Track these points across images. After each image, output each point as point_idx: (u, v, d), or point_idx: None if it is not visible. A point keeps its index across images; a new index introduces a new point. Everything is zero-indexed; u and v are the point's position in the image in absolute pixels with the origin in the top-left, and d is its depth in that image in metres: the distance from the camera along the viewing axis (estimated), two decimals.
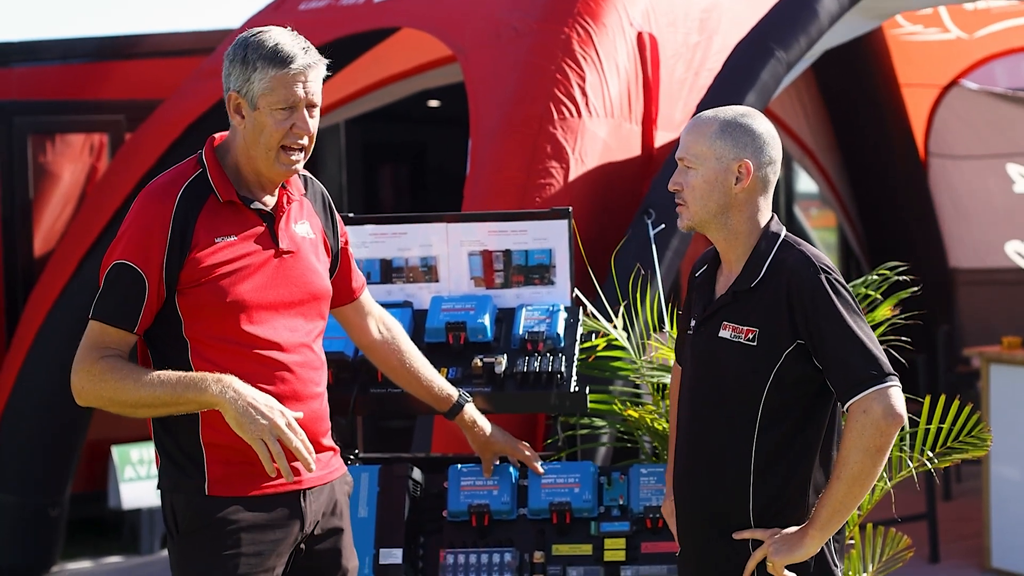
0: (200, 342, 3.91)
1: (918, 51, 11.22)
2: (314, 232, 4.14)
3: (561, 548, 4.75)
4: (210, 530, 3.91)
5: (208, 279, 3.89)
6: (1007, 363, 8.27)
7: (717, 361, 3.95)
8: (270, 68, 3.91)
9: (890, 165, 11.49)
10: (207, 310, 3.90)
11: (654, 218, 6.16)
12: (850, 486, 3.80)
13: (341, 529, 4.12)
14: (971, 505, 9.25)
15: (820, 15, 6.95)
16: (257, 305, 3.93)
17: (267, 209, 4.01)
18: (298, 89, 3.94)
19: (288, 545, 3.98)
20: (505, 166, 6.69)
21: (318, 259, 4.13)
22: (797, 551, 3.86)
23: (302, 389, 3.99)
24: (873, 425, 3.77)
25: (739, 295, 3.94)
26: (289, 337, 3.98)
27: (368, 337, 4.47)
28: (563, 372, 4.88)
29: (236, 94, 3.94)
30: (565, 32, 6.93)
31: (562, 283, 5.11)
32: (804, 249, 3.94)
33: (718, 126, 3.94)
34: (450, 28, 7.59)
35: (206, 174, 3.97)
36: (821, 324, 3.83)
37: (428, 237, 5.20)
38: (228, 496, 3.92)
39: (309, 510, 4.01)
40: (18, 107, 9.86)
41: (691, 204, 3.95)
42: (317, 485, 4.03)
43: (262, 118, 3.93)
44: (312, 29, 8.38)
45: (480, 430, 4.71)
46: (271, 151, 3.95)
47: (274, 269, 3.98)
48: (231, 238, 3.93)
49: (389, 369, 4.53)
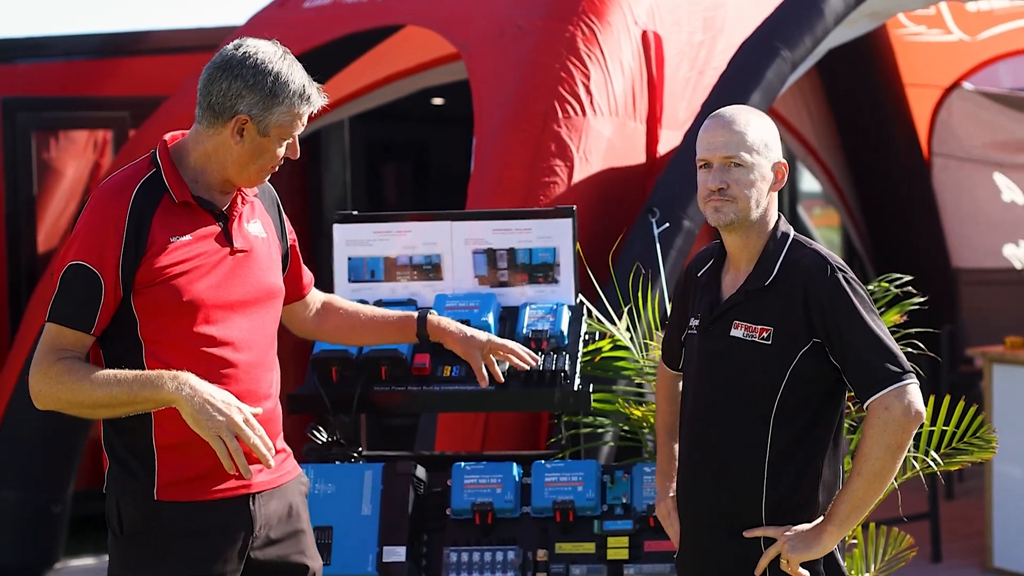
0: (155, 342, 3.90)
1: (921, 52, 11.23)
2: (266, 231, 4.14)
3: (564, 546, 4.75)
4: (156, 533, 3.91)
5: (164, 279, 3.88)
6: (1010, 363, 8.27)
7: (729, 360, 3.94)
8: (296, 105, 3.96)
9: (894, 165, 11.49)
10: (163, 310, 3.89)
11: (658, 217, 6.17)
12: (870, 482, 3.82)
13: (300, 531, 4.11)
14: (973, 505, 9.26)
15: (826, 14, 6.94)
16: (213, 304, 3.93)
17: (221, 209, 4.01)
18: (306, 119, 4.02)
19: (236, 549, 3.97)
20: (509, 164, 6.69)
21: (271, 258, 4.14)
22: (815, 548, 3.86)
23: (256, 389, 3.99)
24: (894, 422, 3.78)
25: (751, 294, 3.93)
26: (244, 337, 3.98)
27: (311, 326, 4.49)
28: (567, 370, 4.88)
29: (248, 118, 3.93)
30: (570, 30, 6.93)
31: (566, 282, 5.12)
32: (817, 248, 3.95)
33: (756, 127, 3.93)
34: (454, 26, 7.59)
35: (160, 174, 3.96)
36: (840, 323, 3.83)
37: (432, 235, 5.20)
38: (177, 501, 3.90)
39: (259, 514, 3.99)
40: (22, 103, 9.86)
41: (740, 200, 3.90)
42: (268, 489, 4.01)
43: (268, 144, 3.96)
44: (316, 27, 8.41)
45: (456, 331, 4.60)
46: (263, 171, 4.00)
47: (229, 268, 3.98)
48: (186, 237, 3.93)
49: (346, 335, 4.54)
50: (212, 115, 3.95)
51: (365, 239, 5.22)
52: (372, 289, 5.19)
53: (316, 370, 4.97)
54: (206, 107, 3.96)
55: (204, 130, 3.98)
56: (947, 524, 8.87)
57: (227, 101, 3.93)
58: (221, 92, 3.93)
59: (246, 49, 3.95)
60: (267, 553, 4.03)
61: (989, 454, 4.97)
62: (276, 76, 3.94)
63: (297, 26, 8.50)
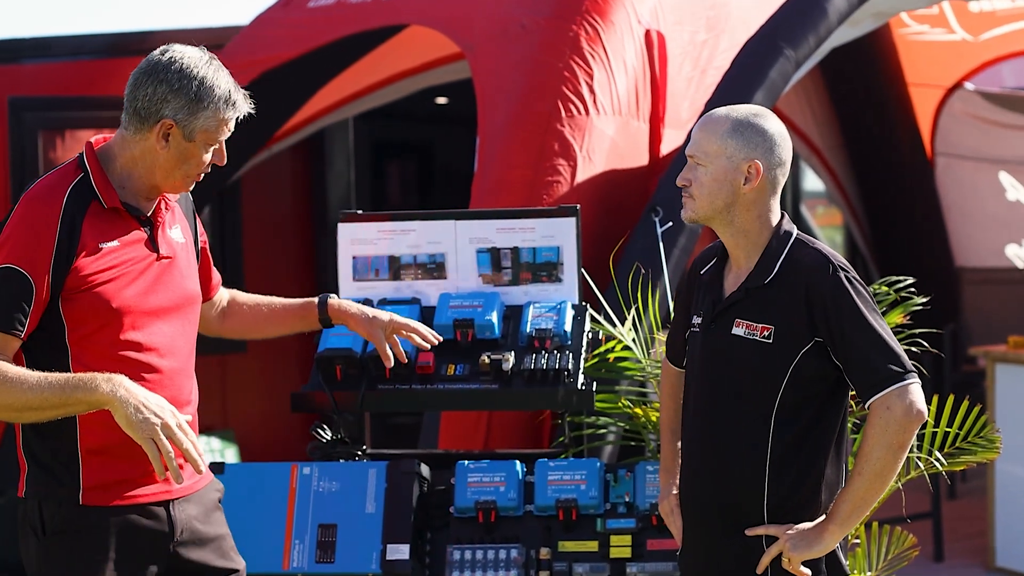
0: (82, 349, 3.91)
1: (924, 51, 11.23)
2: (185, 236, 4.17)
3: (567, 545, 4.76)
4: (80, 535, 3.92)
5: (92, 285, 3.89)
6: (1013, 363, 8.28)
7: (730, 359, 3.96)
8: (222, 111, 3.96)
9: (897, 164, 11.50)
10: (91, 316, 3.90)
11: (661, 216, 6.17)
12: (871, 482, 3.83)
13: (220, 535, 4.14)
14: (976, 504, 9.26)
15: (829, 13, 6.95)
16: (139, 311, 3.95)
17: (147, 215, 4.03)
18: (232, 125, 4.02)
19: (156, 554, 4.00)
20: (513, 163, 6.69)
21: (190, 264, 4.17)
22: (816, 546, 3.87)
23: (179, 396, 4.01)
24: (896, 422, 3.79)
25: (752, 292, 3.94)
26: (168, 343, 4.01)
27: (216, 325, 4.51)
28: (570, 369, 4.89)
29: (172, 123, 3.94)
30: (573, 29, 6.94)
31: (570, 281, 5.13)
32: (820, 247, 3.96)
33: (730, 125, 3.95)
34: (458, 25, 7.60)
35: (89, 179, 3.97)
36: (842, 322, 3.84)
37: (436, 234, 5.22)
38: (101, 505, 3.92)
39: (179, 518, 4.02)
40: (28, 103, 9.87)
41: (697, 199, 3.97)
42: (186, 494, 4.05)
43: (194, 149, 3.97)
44: (320, 26, 8.42)
45: (357, 311, 4.60)
46: (189, 177, 4.02)
47: (155, 275, 4.00)
48: (114, 243, 3.94)
49: (250, 329, 4.55)
50: (138, 120, 3.96)
51: (369, 238, 5.23)
52: (376, 288, 5.21)
53: (320, 368, 4.99)
54: (132, 112, 3.97)
55: (130, 136, 3.99)
56: (950, 524, 8.87)
57: (152, 106, 3.94)
58: (147, 97, 3.94)
59: (172, 55, 3.96)
60: (192, 556, 4.06)
61: (993, 454, 4.98)
62: (201, 81, 3.94)
63: (301, 26, 8.50)
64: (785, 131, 4.00)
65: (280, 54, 8.48)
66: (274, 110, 8.97)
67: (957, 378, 10.25)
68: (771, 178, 3.96)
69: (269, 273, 10.76)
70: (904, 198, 11.51)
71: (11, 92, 9.88)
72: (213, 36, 10.01)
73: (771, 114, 4.02)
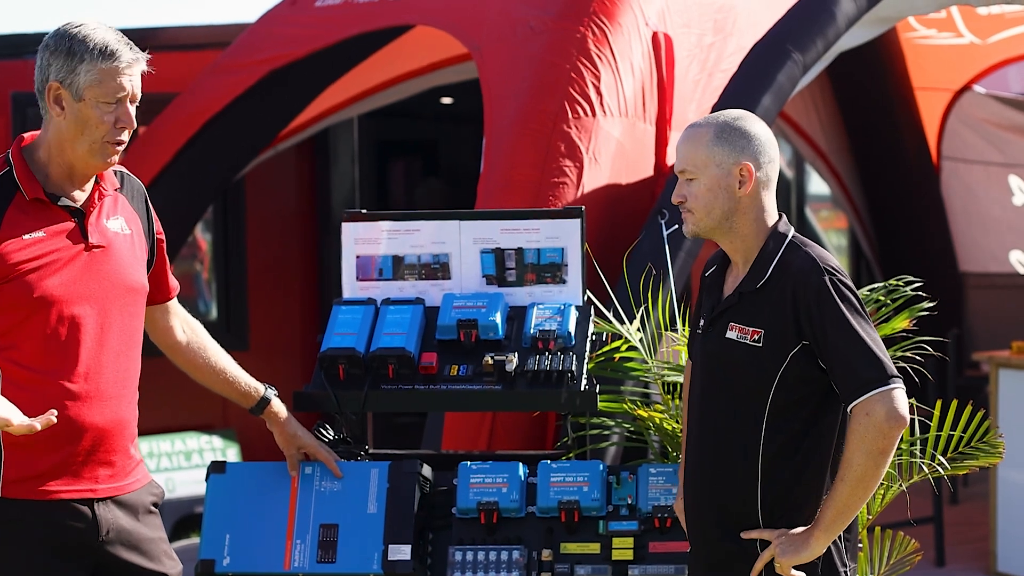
0: (7, 340, 3.92)
1: (932, 55, 11.22)
2: (130, 228, 4.14)
3: (569, 546, 4.75)
4: (1, 529, 3.93)
5: (15, 275, 3.90)
6: (1016, 368, 8.27)
7: (724, 362, 3.97)
8: (99, 61, 3.94)
9: (902, 168, 11.49)
10: (15, 306, 3.91)
11: (667, 218, 6.17)
12: (853, 488, 3.82)
13: (151, 538, 4.14)
14: (978, 509, 9.25)
15: (837, 18, 6.95)
16: (66, 300, 3.94)
17: (76, 205, 4.02)
18: (125, 82, 3.98)
19: (80, 550, 4.00)
20: (519, 164, 6.69)
21: (134, 254, 4.14)
22: (803, 552, 3.88)
23: (107, 388, 4.01)
24: (875, 427, 3.78)
25: (745, 296, 3.95)
26: (99, 333, 4.00)
27: (173, 338, 4.46)
28: (574, 371, 4.88)
29: (58, 84, 3.94)
30: (580, 31, 6.93)
31: (574, 282, 5.12)
32: (810, 250, 3.95)
33: (713, 132, 3.95)
34: (466, 26, 7.60)
35: (12, 173, 3.98)
36: (825, 326, 3.84)
37: (441, 234, 5.21)
38: (22, 499, 3.93)
39: (104, 517, 4.03)
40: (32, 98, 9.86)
41: (696, 212, 3.97)
42: (113, 495, 4.06)
43: (87, 111, 3.95)
44: (327, 26, 8.42)
45: (287, 426, 4.71)
46: (95, 144, 3.97)
47: (84, 264, 3.99)
48: (38, 234, 3.94)
49: (195, 369, 4.51)
50: (40, 99, 3.99)
51: (373, 237, 5.22)
52: (380, 287, 5.20)
53: (323, 368, 4.98)
54: (37, 95, 4.00)
55: (44, 122, 4.02)
56: (951, 529, 8.86)
57: (42, 76, 3.98)
58: (38, 70, 3.98)
59: (57, 27, 4.00)
60: (121, 556, 4.06)
61: (996, 459, 4.97)
62: (74, 36, 3.95)
63: (308, 25, 8.50)
64: (768, 131, 4.01)
65: (287, 53, 8.48)
66: (280, 109, 8.98)
67: (960, 383, 10.24)
68: (763, 177, 3.96)
69: (272, 272, 10.76)
70: (909, 202, 11.50)
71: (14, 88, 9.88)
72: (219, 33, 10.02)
73: (751, 115, 4.02)
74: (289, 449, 4.76)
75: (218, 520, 4.81)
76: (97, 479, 4.02)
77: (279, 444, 4.77)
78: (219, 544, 4.77)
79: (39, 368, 3.91)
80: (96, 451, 4.00)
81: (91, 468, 4.01)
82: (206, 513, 4.83)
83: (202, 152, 8.61)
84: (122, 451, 4.09)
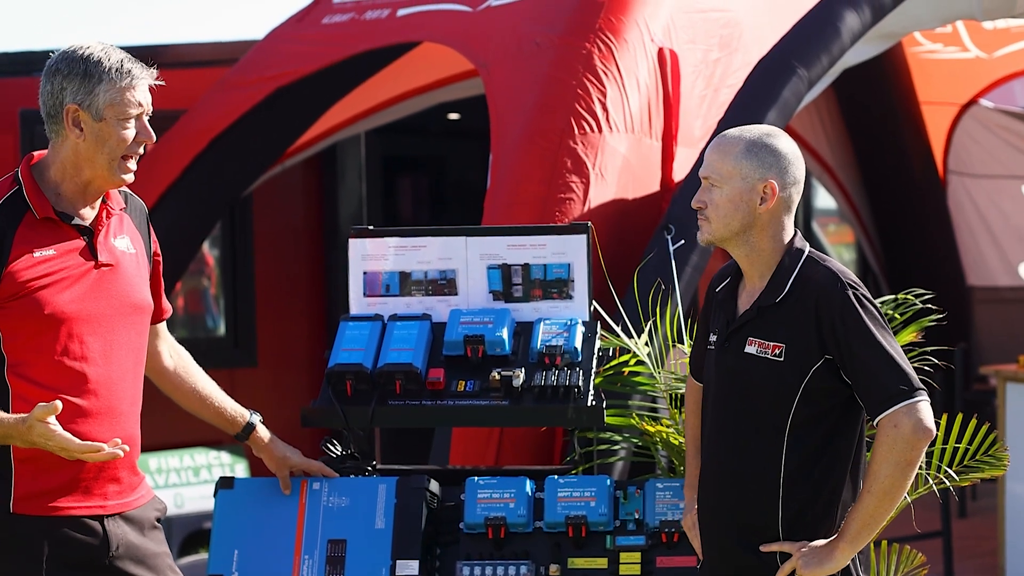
0: (17, 357, 3.95)
1: (937, 69, 11.23)
2: (135, 247, 4.18)
3: (577, 562, 4.76)
4: (11, 545, 3.95)
5: (26, 292, 3.93)
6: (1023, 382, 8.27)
7: (744, 377, 3.97)
8: (117, 80, 4.00)
9: (909, 182, 11.49)
10: (25, 323, 3.94)
11: (674, 234, 6.18)
12: (880, 500, 3.83)
13: (156, 552, 4.17)
14: (986, 523, 9.25)
15: (842, 33, 6.96)
16: (75, 318, 3.97)
17: (85, 223, 4.06)
18: (141, 98, 4.06)
19: (90, 566, 4.03)
20: (525, 180, 6.70)
21: (139, 273, 4.17)
22: (827, 564, 3.88)
23: (117, 405, 4.04)
24: (903, 439, 3.80)
25: (764, 310, 3.96)
26: (107, 350, 4.03)
27: (161, 363, 4.48)
28: (580, 386, 4.89)
29: (76, 106, 3.99)
30: (586, 47, 6.95)
31: (580, 298, 5.13)
32: (830, 265, 3.97)
33: (744, 146, 3.96)
34: (472, 42, 7.61)
35: (22, 192, 4.02)
36: (851, 340, 3.85)
37: (447, 250, 5.22)
38: (32, 515, 3.95)
39: (113, 533, 4.05)
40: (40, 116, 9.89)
41: (714, 221, 3.98)
42: (122, 511, 4.08)
43: (107, 129, 4.01)
44: (335, 43, 8.44)
45: (275, 449, 4.76)
46: (114, 160, 4.03)
47: (93, 281, 4.03)
48: (49, 251, 3.98)
49: (181, 395, 4.54)
50: (52, 122, 4.04)
51: (380, 253, 5.23)
52: (387, 303, 5.21)
53: (331, 383, 4.99)
54: (46, 118, 4.05)
55: (54, 142, 4.06)
56: (960, 543, 8.85)
57: (54, 100, 4.02)
58: (48, 95, 4.03)
59: (60, 51, 4.05)
60: (129, 570, 4.08)
61: (1000, 471, 4.97)
62: (87, 58, 4.01)
63: (315, 42, 8.52)
64: (798, 150, 4.01)
65: (294, 70, 8.50)
66: (287, 125, 9.00)
67: (968, 397, 10.23)
68: (786, 197, 3.98)
69: (279, 288, 10.77)
70: (916, 216, 11.50)
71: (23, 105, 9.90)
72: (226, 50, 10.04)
73: (783, 134, 4.03)
74: (281, 471, 4.80)
75: (227, 535, 4.82)
76: (107, 495, 4.04)
77: (270, 468, 4.81)
78: (227, 559, 4.78)
79: (49, 384, 3.93)
80: (106, 467, 4.02)
81: (101, 484, 4.03)
82: (215, 528, 4.85)
83: (209, 168, 8.63)
84: (130, 467, 4.12)
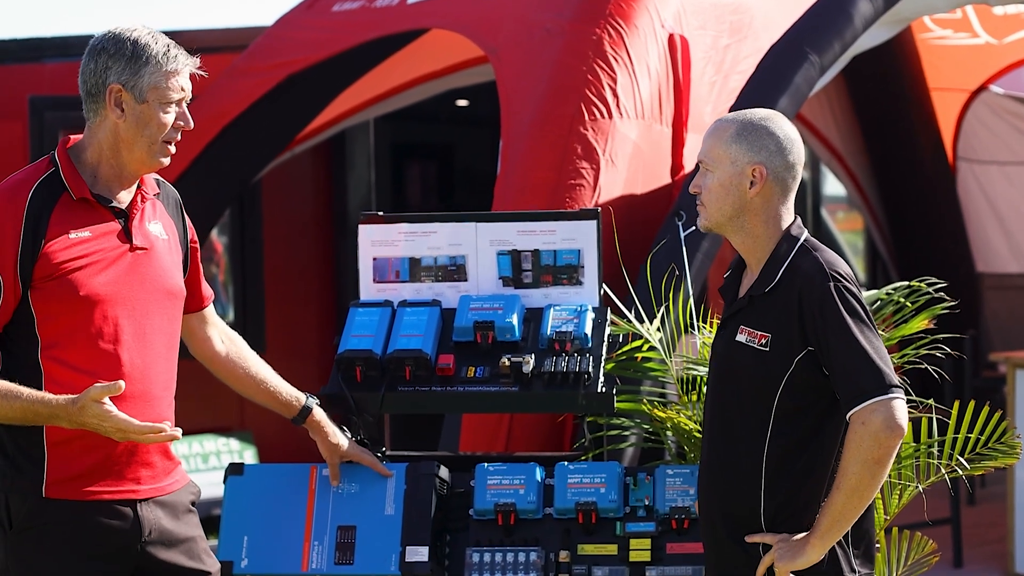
0: (51, 339, 3.94)
1: (947, 55, 11.20)
2: (167, 233, 4.18)
3: (586, 548, 4.76)
4: (45, 530, 3.95)
5: (61, 273, 3.93)
6: None
7: (733, 364, 3.96)
8: (163, 63, 4.00)
9: (918, 169, 11.47)
10: (60, 305, 3.93)
11: (684, 220, 6.17)
12: (848, 497, 3.80)
13: (190, 536, 4.16)
14: (995, 510, 9.25)
15: (854, 19, 6.94)
16: (110, 300, 3.97)
17: (121, 207, 4.05)
18: (184, 83, 4.06)
19: (123, 551, 4.02)
20: (536, 166, 6.70)
21: (172, 259, 4.17)
22: (799, 558, 3.86)
23: (150, 389, 4.03)
24: (871, 436, 3.75)
25: (755, 299, 3.94)
26: (140, 334, 4.02)
27: (212, 349, 4.47)
28: (590, 372, 4.89)
29: (120, 87, 3.99)
30: (597, 33, 6.94)
31: (590, 284, 5.13)
32: (819, 255, 3.92)
33: (735, 129, 3.95)
34: (483, 29, 7.61)
35: (59, 173, 4.01)
36: (828, 333, 3.82)
37: (457, 236, 5.22)
38: (65, 499, 3.95)
39: (146, 518, 4.04)
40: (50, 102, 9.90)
41: (708, 206, 3.97)
42: (156, 496, 4.08)
43: (149, 112, 4.00)
44: (345, 30, 8.43)
45: (329, 434, 4.72)
46: (154, 144, 4.03)
47: (128, 265, 4.02)
48: (84, 233, 3.98)
49: (235, 380, 4.53)
50: (92, 101, 4.03)
51: (390, 240, 5.23)
52: (397, 289, 5.21)
53: (341, 370, 4.99)
54: (85, 96, 4.04)
55: (92, 122, 4.05)
56: (969, 530, 8.85)
57: (98, 79, 4.01)
58: (90, 73, 4.01)
59: (105, 32, 4.05)
60: (161, 556, 4.08)
61: (1013, 459, 4.96)
62: (135, 41, 4.00)
63: (325, 29, 8.52)
64: (795, 135, 3.97)
65: (304, 57, 8.50)
66: (297, 112, 9.00)
67: (977, 384, 10.22)
68: (778, 182, 3.93)
69: (288, 275, 10.78)
70: (926, 203, 11.49)
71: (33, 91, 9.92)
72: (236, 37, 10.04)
73: (781, 117, 3.99)
74: (332, 459, 4.77)
75: (236, 522, 4.82)
76: (139, 480, 4.03)
77: (322, 453, 4.77)
78: (237, 546, 4.78)
79: (84, 368, 3.93)
80: (137, 452, 4.01)
81: (133, 469, 4.02)
82: (224, 515, 4.85)
83: (219, 155, 8.63)
84: (162, 452, 4.11)
